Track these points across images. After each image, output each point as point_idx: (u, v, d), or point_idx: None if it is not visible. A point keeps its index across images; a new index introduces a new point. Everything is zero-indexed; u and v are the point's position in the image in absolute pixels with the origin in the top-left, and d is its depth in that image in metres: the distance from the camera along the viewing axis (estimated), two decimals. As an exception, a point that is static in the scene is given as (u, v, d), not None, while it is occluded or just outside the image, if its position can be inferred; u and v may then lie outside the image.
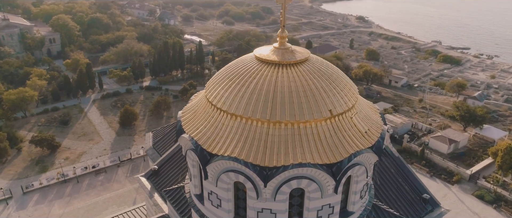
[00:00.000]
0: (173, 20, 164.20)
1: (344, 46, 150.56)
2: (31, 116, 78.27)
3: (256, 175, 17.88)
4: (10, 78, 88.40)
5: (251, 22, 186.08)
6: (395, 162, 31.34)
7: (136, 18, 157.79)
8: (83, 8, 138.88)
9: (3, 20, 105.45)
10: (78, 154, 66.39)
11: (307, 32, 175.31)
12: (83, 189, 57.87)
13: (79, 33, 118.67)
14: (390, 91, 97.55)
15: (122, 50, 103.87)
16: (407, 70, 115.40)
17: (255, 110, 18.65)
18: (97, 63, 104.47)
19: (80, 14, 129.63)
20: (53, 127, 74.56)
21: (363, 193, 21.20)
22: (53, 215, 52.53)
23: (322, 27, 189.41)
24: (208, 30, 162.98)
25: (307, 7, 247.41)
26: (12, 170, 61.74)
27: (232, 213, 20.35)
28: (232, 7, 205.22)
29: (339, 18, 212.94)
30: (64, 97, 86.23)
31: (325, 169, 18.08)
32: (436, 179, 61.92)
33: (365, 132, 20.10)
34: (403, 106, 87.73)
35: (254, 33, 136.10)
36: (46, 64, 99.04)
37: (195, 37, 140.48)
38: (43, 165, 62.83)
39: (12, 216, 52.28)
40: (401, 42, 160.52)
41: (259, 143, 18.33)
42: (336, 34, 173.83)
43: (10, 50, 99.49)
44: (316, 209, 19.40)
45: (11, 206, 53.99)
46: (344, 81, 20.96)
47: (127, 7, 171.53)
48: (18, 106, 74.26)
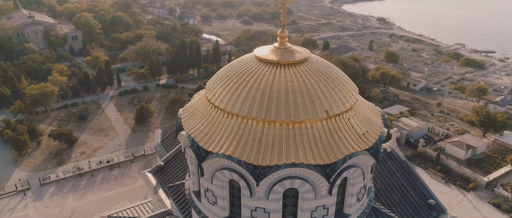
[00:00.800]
0: (192, 19, 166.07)
1: (363, 48, 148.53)
2: (51, 110, 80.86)
3: (249, 173, 17.98)
4: (33, 74, 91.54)
5: (270, 22, 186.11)
6: (401, 166, 30.82)
7: (156, 17, 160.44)
8: (106, 6, 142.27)
9: (28, 18, 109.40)
10: (94, 149, 68.12)
11: (326, 33, 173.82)
12: (97, 183, 59.34)
13: (101, 31, 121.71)
14: (408, 94, 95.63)
15: (140, 48, 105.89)
16: (427, 73, 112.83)
17: (251, 109, 18.75)
18: (117, 61, 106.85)
19: (102, 13, 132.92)
20: (71, 122, 76.77)
21: (360, 196, 20.96)
22: (68, 207, 54.11)
23: (342, 28, 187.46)
24: (227, 30, 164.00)
25: (327, 8, 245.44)
26: (31, 162, 63.95)
27: (227, 210, 20.49)
28: (251, 7, 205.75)
29: (360, 19, 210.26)
30: (83, 93, 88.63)
31: (318, 169, 18.00)
32: (451, 185, 60.32)
33: (363, 134, 19.89)
34: (421, 110, 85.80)
35: (271, 33, 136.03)
36: (67, 61, 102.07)
37: (213, 37, 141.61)
38: (61, 158, 64.80)
39: (29, 206, 54.16)
40: (423, 44, 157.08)
41: (254, 142, 18.42)
42: (356, 36, 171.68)
43: (34, 46, 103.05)
44: (310, 210, 19.33)
45: (29, 197, 55.93)
46: (343, 82, 20.76)
47: (148, 6, 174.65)
48: (39, 101, 76.83)
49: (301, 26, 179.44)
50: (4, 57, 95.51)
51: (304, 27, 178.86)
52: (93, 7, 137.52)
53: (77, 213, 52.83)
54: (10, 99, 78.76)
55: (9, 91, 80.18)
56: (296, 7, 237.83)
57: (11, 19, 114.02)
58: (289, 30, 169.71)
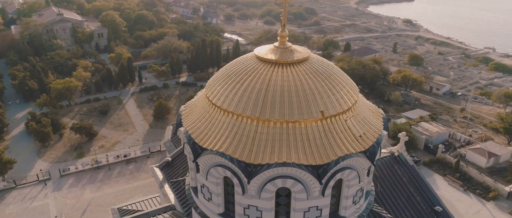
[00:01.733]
0: (216, 18, 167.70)
1: (387, 50, 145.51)
2: (74, 104, 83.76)
3: (241, 171, 18.11)
4: (60, 69, 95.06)
5: (293, 23, 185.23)
6: (408, 171, 30.11)
7: (180, 16, 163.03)
8: (131, 5, 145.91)
9: (57, 15, 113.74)
10: (112, 143, 70.06)
11: (349, 35, 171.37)
12: (114, 176, 61.03)
13: (125, 29, 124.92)
14: (430, 98, 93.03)
15: (162, 46, 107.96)
16: (452, 78, 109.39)
17: (246, 107, 18.88)
18: (139, 58, 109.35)
19: (127, 11, 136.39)
20: (93, 116, 79.27)
21: (356, 199, 20.68)
22: (84, 198, 55.94)
23: (366, 29, 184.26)
24: (249, 30, 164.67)
25: (352, 9, 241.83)
26: (53, 154, 66.51)
27: (222, 207, 20.70)
28: (275, 7, 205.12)
29: (385, 21, 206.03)
30: (106, 89, 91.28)
31: (310, 170, 17.91)
32: (470, 193, 58.28)
33: (360, 136, 19.63)
34: (443, 115, 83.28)
35: (292, 33, 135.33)
36: (92, 57, 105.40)
37: (234, 36, 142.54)
38: (81, 151, 67.05)
39: (49, 196, 56.36)
40: (450, 48, 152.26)
41: (247, 140, 18.54)
42: (380, 37, 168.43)
43: (61, 43, 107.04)
44: (303, 210, 19.27)
45: (49, 187, 58.20)
46: (342, 83, 20.55)
47: (173, 5, 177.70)
48: (63, 95, 79.74)
49: (324, 27, 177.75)
50: (33, 53, 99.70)
51: (327, 28, 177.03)
52: (119, 5, 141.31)
53: (93, 204, 54.54)
54: (37, 93, 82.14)
55: (37, 85, 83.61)
56: (320, 8, 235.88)
57: (41, 16, 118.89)
58: (311, 31, 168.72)
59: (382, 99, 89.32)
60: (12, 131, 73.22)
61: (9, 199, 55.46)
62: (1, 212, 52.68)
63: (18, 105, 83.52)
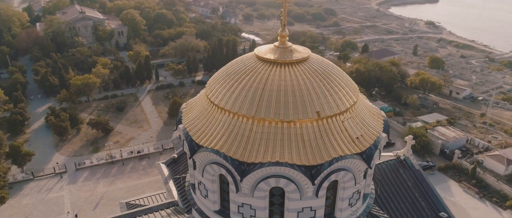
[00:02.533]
0: (234, 18, 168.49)
1: (407, 53, 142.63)
2: (93, 100, 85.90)
3: (234, 169, 18.24)
4: (80, 66, 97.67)
5: (311, 23, 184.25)
6: (414, 175, 29.53)
7: (199, 15, 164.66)
8: (151, 4, 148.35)
9: (80, 13, 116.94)
10: (127, 139, 71.51)
11: (369, 36, 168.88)
12: (127, 171, 62.30)
13: (145, 28, 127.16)
14: (449, 102, 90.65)
15: (179, 45, 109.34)
16: (474, 82, 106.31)
17: (242, 105, 19.01)
18: (157, 56, 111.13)
19: (147, 10, 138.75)
20: (110, 112, 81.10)
21: (353, 201, 20.47)
22: (98, 192, 57.35)
23: (387, 31, 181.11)
24: (267, 30, 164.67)
25: (373, 10, 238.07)
26: (70, 147, 68.45)
27: (218, 204, 20.90)
28: (294, 7, 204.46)
29: (407, 23, 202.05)
30: (123, 85, 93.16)
31: (303, 170, 17.87)
32: (486, 201, 56.54)
33: (357, 138, 19.44)
34: (461, 120, 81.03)
35: (310, 34, 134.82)
36: (112, 55, 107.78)
37: (252, 36, 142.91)
38: (96, 146, 68.74)
39: (64, 188, 58.07)
40: (474, 51, 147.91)
41: (242, 138, 18.66)
42: (401, 40, 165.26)
43: (83, 40, 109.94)
44: (297, 210, 19.24)
45: (64, 180, 59.95)
46: (342, 84, 20.38)
47: (192, 5, 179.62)
48: (82, 91, 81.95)
49: (343, 28, 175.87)
50: (56, 49, 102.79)
51: (346, 29, 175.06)
52: (140, 4, 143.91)
53: (106, 198, 55.83)
54: (57, 88, 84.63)
55: (57, 81, 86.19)
56: (340, 8, 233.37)
57: (65, 14, 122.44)
58: (330, 32, 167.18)
59: (399, 102, 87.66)
60: (32, 125, 75.79)
61: (26, 190, 57.45)
62: (18, 203, 54.63)
63: (40, 100, 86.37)
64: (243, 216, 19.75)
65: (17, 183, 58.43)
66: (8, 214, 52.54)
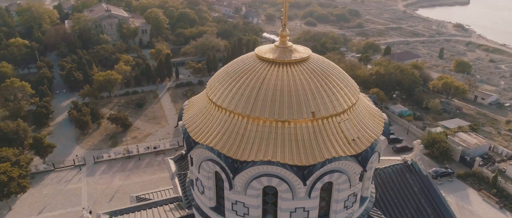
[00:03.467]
0: (257, 18, 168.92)
1: (432, 56, 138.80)
2: (114, 96, 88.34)
3: (227, 166, 18.42)
4: (104, 62, 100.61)
5: (335, 24, 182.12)
6: (421, 181, 28.84)
7: (222, 15, 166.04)
8: (175, 3, 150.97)
9: (106, 11, 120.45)
10: (145, 135, 73.13)
11: (394, 38, 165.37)
12: (142, 166, 63.73)
13: (168, 26, 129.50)
14: (473, 108, 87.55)
15: (200, 44, 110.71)
16: (503, 87, 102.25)
17: (238, 104, 19.17)
18: (178, 55, 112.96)
19: (171, 9, 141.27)
20: (130, 108, 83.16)
21: (348, 203, 20.24)
22: (113, 185, 58.99)
23: (412, 33, 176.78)
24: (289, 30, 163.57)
25: (400, 12, 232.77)
26: (90, 141, 70.69)
27: (214, 201, 21.15)
28: (318, 8, 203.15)
29: (434, 25, 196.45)
30: (144, 82, 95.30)
31: (294, 170, 17.84)
32: (506, 211, 54.30)
33: (353, 140, 19.21)
34: (485, 126, 78.12)
35: (332, 35, 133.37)
36: (135, 52, 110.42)
37: (273, 36, 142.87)
38: (115, 140, 70.66)
39: (82, 180, 60.06)
40: (505, 55, 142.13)
41: (236, 136, 18.82)
42: (427, 42, 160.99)
43: (108, 37, 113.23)
44: (289, 210, 19.22)
45: (83, 172, 61.98)
46: (340, 85, 20.18)
47: (216, 4, 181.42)
48: (104, 87, 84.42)
49: (366, 30, 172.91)
50: (82, 46, 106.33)
51: (370, 31, 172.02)
52: (164, 3, 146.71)
53: (121, 192, 57.33)
54: (81, 83, 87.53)
55: (82, 76, 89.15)
56: (365, 10, 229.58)
57: (92, 12, 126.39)
58: (353, 33, 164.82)
59: (419, 106, 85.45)
60: (56, 118, 78.74)
61: (47, 180, 59.78)
62: (39, 192, 56.94)
63: (64, 94, 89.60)
64: (237, 214, 19.91)
65: (38, 173, 60.89)
66: (29, 202, 54.85)
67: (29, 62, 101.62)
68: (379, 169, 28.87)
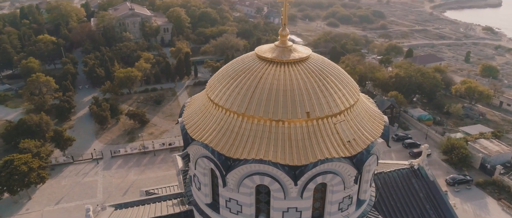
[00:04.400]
0: (278, 18, 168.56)
1: (458, 59, 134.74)
2: (134, 93, 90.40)
3: (220, 164, 18.61)
4: (126, 59, 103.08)
5: (357, 26, 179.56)
6: (427, 186, 28.15)
7: (243, 14, 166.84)
8: (197, 2, 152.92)
9: (129, 10, 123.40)
10: (161, 131, 74.48)
11: (418, 40, 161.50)
12: (157, 162, 64.94)
13: (189, 25, 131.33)
14: (498, 114, 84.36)
15: (220, 43, 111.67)
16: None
17: (234, 102, 19.34)
18: (198, 53, 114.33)
19: (193, 8, 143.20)
20: (148, 105, 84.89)
21: (343, 206, 20.03)
22: (128, 179, 60.41)
23: (438, 36, 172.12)
24: (310, 31, 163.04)
25: (426, 14, 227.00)
26: (109, 136, 72.64)
27: (209, 197, 21.39)
28: (341, 9, 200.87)
29: (462, 28, 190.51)
30: (163, 80, 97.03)
31: (286, 169, 17.84)
32: (527, 223, 52.12)
33: (348, 141, 19.01)
34: (510, 134, 75.07)
35: (353, 36, 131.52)
36: (156, 50, 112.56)
37: (294, 37, 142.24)
38: (132, 136, 72.32)
39: (99, 173, 61.81)
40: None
41: (231, 134, 18.98)
42: (453, 45, 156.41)
43: (130, 35, 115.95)
44: (282, 210, 19.22)
45: (100, 166, 63.78)
46: (339, 86, 20.00)
47: (238, 4, 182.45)
48: (124, 83, 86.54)
49: (390, 31, 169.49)
50: (105, 43, 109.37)
51: (394, 33, 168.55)
52: (186, 2, 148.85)
53: (135, 186, 58.61)
54: (103, 80, 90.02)
55: (103, 72, 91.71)
56: (390, 11, 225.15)
57: (116, 11, 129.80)
58: (376, 35, 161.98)
59: (440, 111, 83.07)
60: (78, 112, 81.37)
61: (66, 172, 61.89)
62: (58, 183, 59.02)
63: (87, 90, 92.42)
64: (230, 211, 20.07)
65: (58, 165, 63.11)
66: (48, 193, 56.95)
67: (55, 58, 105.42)
68: (384, 172, 28.39)
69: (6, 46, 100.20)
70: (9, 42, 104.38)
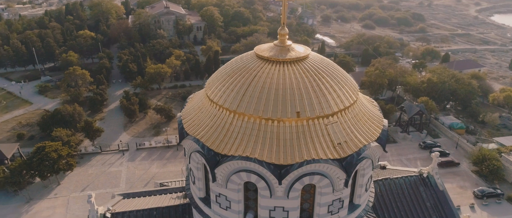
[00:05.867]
0: (312, 19, 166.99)
1: (501, 66, 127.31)
2: (163, 88, 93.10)
3: (208, 159, 18.93)
4: (158, 56, 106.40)
5: (394, 28, 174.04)
6: (436, 196, 27.02)
7: (277, 14, 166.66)
8: (232, 2, 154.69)
9: (165, 8, 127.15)
10: (186, 127, 76.05)
11: (459, 45, 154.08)
12: (179, 156, 66.53)
13: (222, 24, 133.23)
14: (540, 126, 78.80)
15: (250, 42, 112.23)
16: None
17: (227, 99, 19.62)
18: (228, 52, 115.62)
19: (227, 8, 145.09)
20: (176, 101, 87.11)
21: (333, 209, 19.73)
22: (151, 172, 62.40)
23: (482, 41, 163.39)
24: (344, 32, 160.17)
25: (471, 17, 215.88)
26: (136, 129, 75.35)
27: (203, 192, 21.81)
28: (378, 10, 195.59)
29: (509, 33, 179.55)
30: (192, 77, 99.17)
31: (271, 168, 17.84)
32: (561, 243, 48.43)
33: (339, 144, 18.70)
34: (551, 147, 69.84)
35: (387, 39, 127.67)
36: (187, 48, 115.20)
37: (326, 38, 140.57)
38: (158, 130, 74.53)
39: (123, 164, 64.31)
40: None
41: (222, 131, 19.27)
42: (498, 51, 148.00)
43: (164, 33, 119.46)
44: (268, 208, 19.27)
45: (125, 157, 66.30)
46: (334, 87, 19.72)
47: (272, 4, 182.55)
48: (154, 79, 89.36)
49: (429, 35, 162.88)
50: (140, 40, 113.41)
51: (433, 37, 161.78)
52: (221, 1, 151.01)
53: (156, 178, 60.35)
54: (135, 75, 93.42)
55: (136, 68, 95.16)
56: (431, 14, 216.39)
57: (153, 8, 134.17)
58: (413, 38, 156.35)
59: (475, 119, 78.86)
60: (110, 105, 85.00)
61: (93, 161, 64.92)
62: (85, 171, 62.04)
63: (120, 84, 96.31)
64: (220, 206, 20.37)
65: (87, 154, 66.32)
66: (75, 180, 60.03)
67: (93, 52, 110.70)
68: (390, 178, 27.56)
69: (50, 41, 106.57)
70: (53, 36, 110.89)
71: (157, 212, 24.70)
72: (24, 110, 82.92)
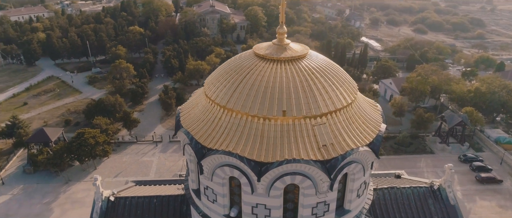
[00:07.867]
0: (359, 21, 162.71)
1: None
2: (201, 85, 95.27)
3: (196, 151, 19.46)
4: (200, 53, 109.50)
5: (449, 34, 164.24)
6: (445, 210, 25.54)
7: (323, 16, 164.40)
8: (277, 2, 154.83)
9: (210, 7, 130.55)
10: (218, 123, 77.69)
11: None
12: (208, 151, 68.10)
13: (265, 24, 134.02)
14: None
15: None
16: None
17: (218, 94, 20.09)
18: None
19: (272, 8, 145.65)
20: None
21: (318, 211, 19.47)
22: (179, 164, 64.51)
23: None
24: (392, 36, 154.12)
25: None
26: (171, 122, 78.25)
27: (196, 184, 22.47)
28: (433, 14, 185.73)
29: None
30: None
31: (251, 165, 17.96)
32: None
33: (324, 145, 18.38)
34: None
35: (436, 45, 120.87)
36: (229, 46, 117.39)
37: (372, 41, 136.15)
38: (191, 124, 76.81)
39: (155, 155, 67.16)
40: None
41: (211, 125, 19.75)
42: None
43: (207, 31, 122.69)
44: (251, 205, 19.42)
45: (158, 148, 69.20)
46: (327, 89, 19.43)
47: (319, 5, 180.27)
48: (193, 75, 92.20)
49: (487, 42, 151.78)
50: (184, 37, 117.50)
51: (491, 44, 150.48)
52: (266, 1, 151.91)
53: (183, 170, 62.42)
54: (176, 70, 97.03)
55: (177, 63, 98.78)
56: (493, 19, 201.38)
57: (200, 7, 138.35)
58: (468, 45, 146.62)
59: (522, 133, 72.43)
60: (150, 98, 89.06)
61: (129, 150, 68.48)
62: (120, 159, 65.64)
63: (161, 78, 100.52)
64: (208, 199, 20.87)
65: (123, 143, 70.09)
66: (110, 166, 63.73)
67: (141, 47, 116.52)
68: (396, 187, 26.42)
69: (102, 35, 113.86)
70: (106, 31, 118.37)
71: (157, 200, 25.75)
72: (73, 98, 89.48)
